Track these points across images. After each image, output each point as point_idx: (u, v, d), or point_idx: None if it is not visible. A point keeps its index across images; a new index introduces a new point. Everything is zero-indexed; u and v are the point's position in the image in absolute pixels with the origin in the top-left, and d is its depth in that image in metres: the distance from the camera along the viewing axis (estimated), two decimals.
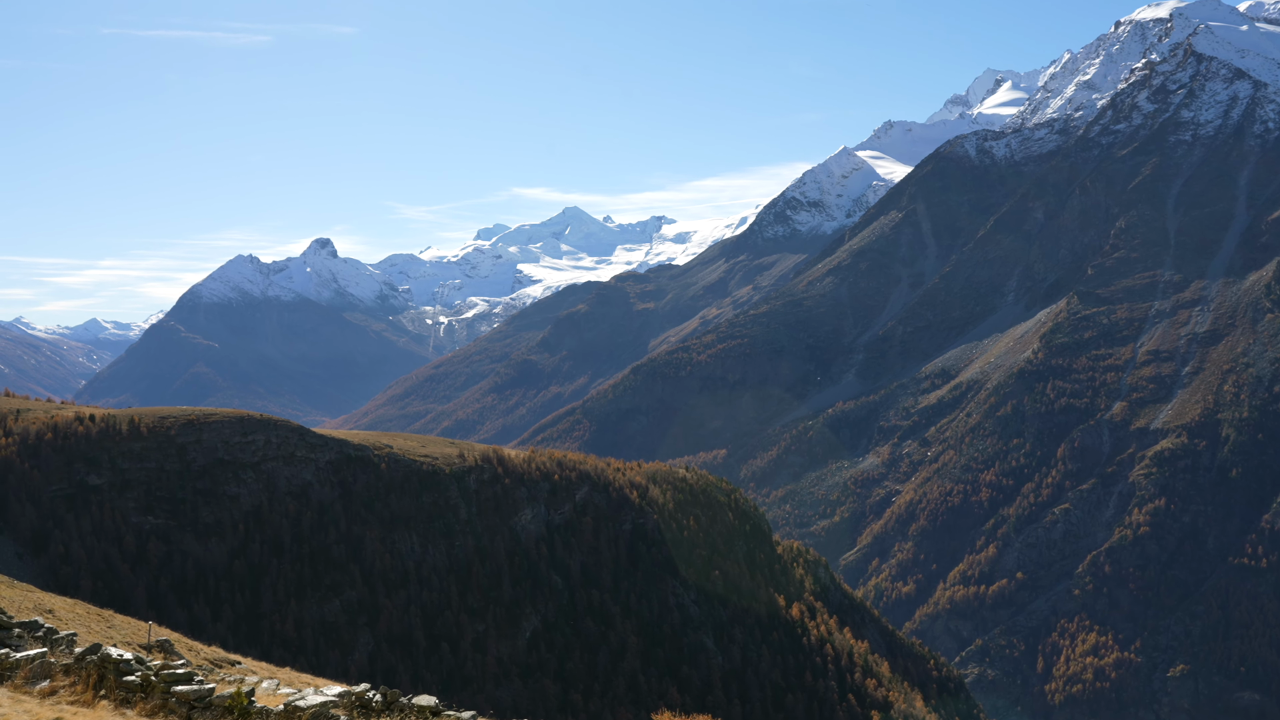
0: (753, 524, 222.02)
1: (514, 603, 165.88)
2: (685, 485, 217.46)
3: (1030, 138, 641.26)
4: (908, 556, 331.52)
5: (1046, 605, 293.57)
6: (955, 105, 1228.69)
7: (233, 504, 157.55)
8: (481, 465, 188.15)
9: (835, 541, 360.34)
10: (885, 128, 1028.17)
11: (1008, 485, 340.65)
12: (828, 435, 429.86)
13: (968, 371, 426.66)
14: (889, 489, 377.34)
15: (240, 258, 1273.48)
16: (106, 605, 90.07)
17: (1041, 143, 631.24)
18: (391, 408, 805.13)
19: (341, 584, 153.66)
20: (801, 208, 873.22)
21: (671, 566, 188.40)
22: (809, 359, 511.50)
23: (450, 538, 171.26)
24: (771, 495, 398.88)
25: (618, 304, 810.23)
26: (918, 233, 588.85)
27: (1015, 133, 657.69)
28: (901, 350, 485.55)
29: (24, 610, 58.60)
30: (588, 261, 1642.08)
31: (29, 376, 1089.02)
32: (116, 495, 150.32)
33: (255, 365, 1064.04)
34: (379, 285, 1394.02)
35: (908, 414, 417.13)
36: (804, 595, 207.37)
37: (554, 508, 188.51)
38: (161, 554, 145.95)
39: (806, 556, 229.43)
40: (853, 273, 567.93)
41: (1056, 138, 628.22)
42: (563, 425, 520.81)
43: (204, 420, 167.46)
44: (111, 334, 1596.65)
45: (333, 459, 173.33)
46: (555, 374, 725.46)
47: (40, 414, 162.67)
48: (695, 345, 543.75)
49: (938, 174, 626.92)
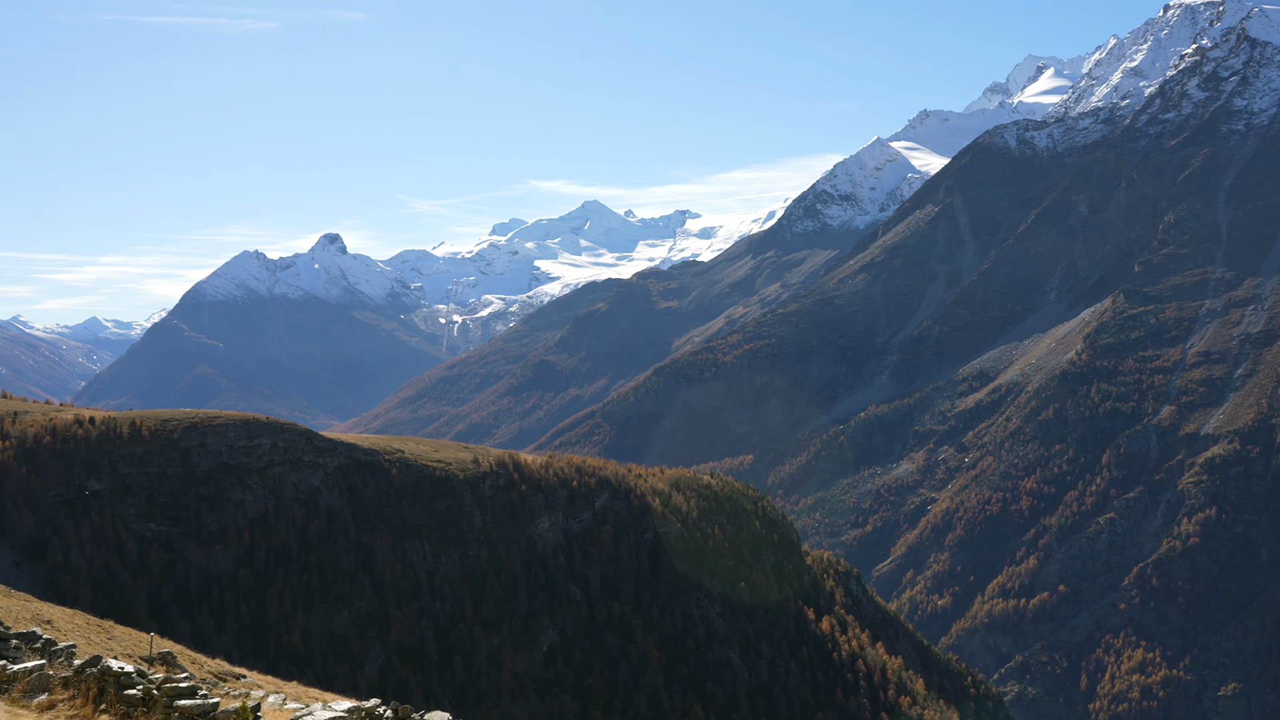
0: (781, 533, 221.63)
1: (530, 615, 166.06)
2: (710, 492, 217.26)
3: (1074, 127, 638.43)
4: (944, 568, 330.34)
5: (1090, 620, 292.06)
6: (995, 93, 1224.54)
7: (238, 511, 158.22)
8: (497, 471, 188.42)
9: (867, 552, 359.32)
10: (921, 117, 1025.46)
11: (1049, 493, 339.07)
12: (860, 440, 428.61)
13: (1007, 374, 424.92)
14: (924, 497, 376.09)
15: (246, 254, 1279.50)
16: (107, 616, 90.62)
17: (1086, 133, 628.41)
18: (403, 410, 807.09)
19: (351, 594, 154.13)
20: (832, 201, 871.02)
21: (696, 578, 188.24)
22: (840, 360, 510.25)
23: (464, 547, 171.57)
24: (800, 503, 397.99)
25: (639, 302, 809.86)
26: (955, 228, 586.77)
27: (1058, 122, 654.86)
28: (937, 351, 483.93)
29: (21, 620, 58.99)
30: (608, 258, 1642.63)
31: (26, 377, 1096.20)
32: (117, 501, 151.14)
33: (261, 366, 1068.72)
34: (390, 283, 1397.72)
35: (944, 418, 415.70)
36: (835, 608, 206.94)
37: (572, 516, 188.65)
38: (164, 562, 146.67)
39: (837, 567, 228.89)
40: (886, 270, 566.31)
41: (1102, 127, 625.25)
42: (582, 429, 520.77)
43: (208, 423, 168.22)
44: (112, 333, 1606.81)
45: (342, 464, 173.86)
46: (574, 375, 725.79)
47: (38, 416, 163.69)
48: (721, 346, 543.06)
49: (976, 166, 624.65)
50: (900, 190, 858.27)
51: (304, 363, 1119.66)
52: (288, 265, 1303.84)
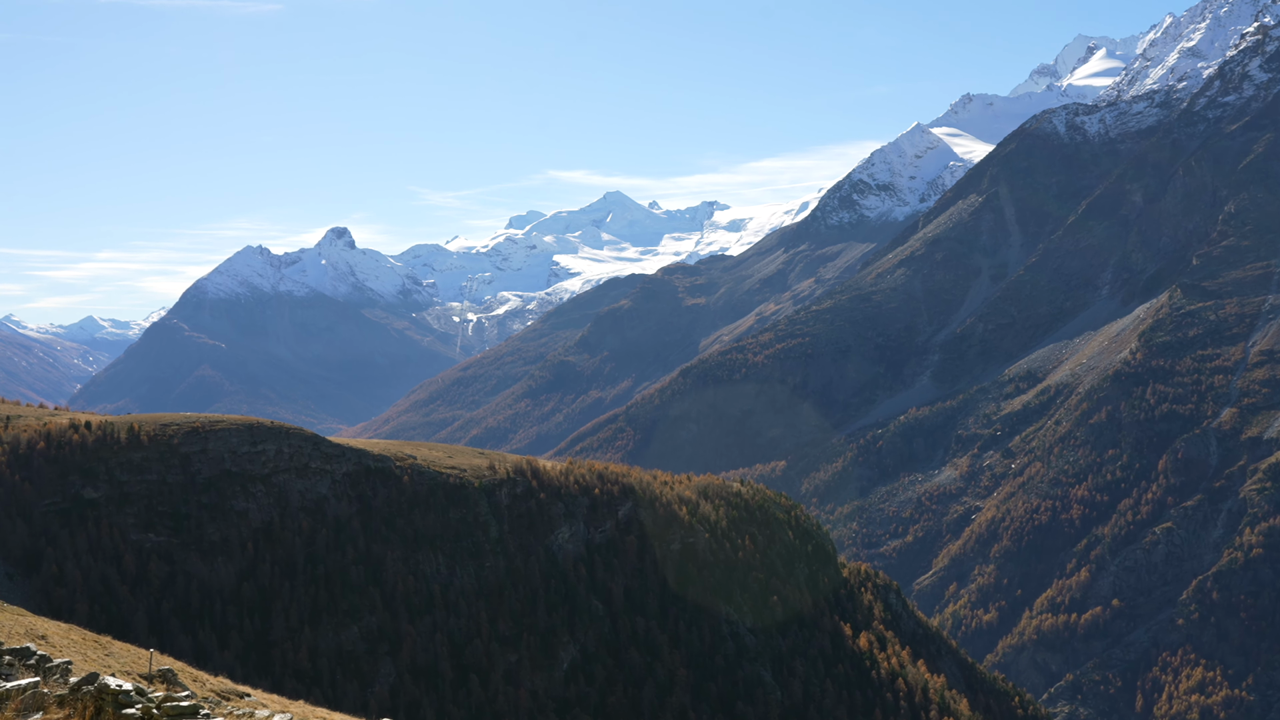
0: (815, 544, 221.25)
1: (550, 631, 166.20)
2: (740, 501, 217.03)
3: (1127, 112, 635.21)
4: (989, 581, 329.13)
5: (1146, 636, 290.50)
6: (1042, 76, 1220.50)
7: (241, 520, 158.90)
8: (514, 478, 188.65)
9: (908, 564, 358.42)
10: (964, 102, 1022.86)
11: (1102, 501, 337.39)
12: (899, 445, 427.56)
13: (1057, 374, 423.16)
14: (968, 505, 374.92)
15: (249, 249, 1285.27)
16: (104, 631, 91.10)
17: (1140, 117, 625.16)
18: (415, 414, 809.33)
19: (360, 609, 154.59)
20: (870, 191, 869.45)
21: (725, 591, 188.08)
22: (878, 360, 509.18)
23: (479, 558, 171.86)
24: (836, 512, 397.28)
25: (665, 299, 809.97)
26: (1000, 219, 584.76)
27: (1110, 106, 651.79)
28: (982, 350, 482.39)
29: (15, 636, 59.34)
30: (631, 252, 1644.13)
31: (19, 380, 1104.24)
32: (115, 510, 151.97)
33: (265, 367, 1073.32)
34: (401, 279, 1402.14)
35: (989, 422, 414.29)
36: (873, 623, 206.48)
37: (594, 525, 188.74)
38: (164, 575, 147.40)
39: (875, 580, 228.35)
40: (927, 264, 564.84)
41: (1157, 111, 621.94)
42: (604, 434, 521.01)
43: (210, 428, 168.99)
44: (109, 333, 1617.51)
45: (350, 471, 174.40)
46: (595, 377, 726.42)
47: (32, 421, 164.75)
48: (751, 345, 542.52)
49: (1022, 153, 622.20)
50: (942, 179, 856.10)
51: (310, 364, 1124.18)
52: (293, 261, 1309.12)
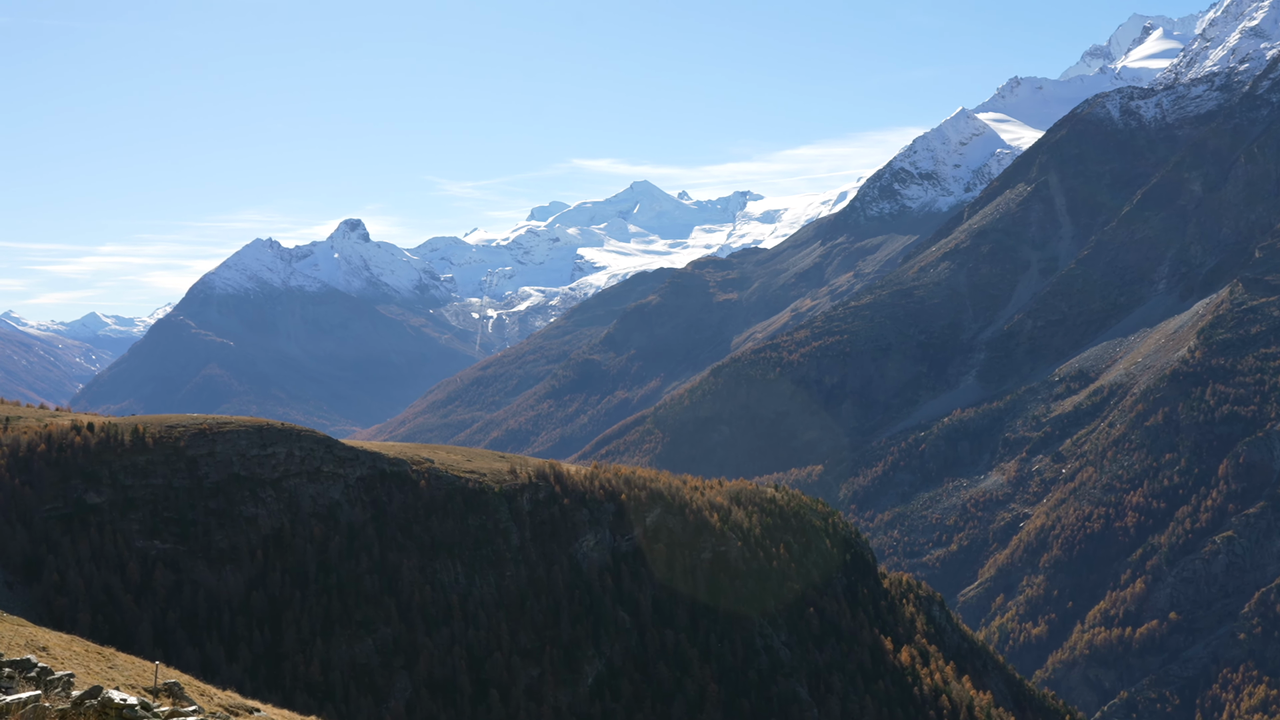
0: (854, 553, 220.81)
1: (574, 643, 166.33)
2: (774, 507, 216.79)
3: (1185, 96, 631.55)
4: (1038, 592, 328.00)
5: (1205, 652, 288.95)
6: (1095, 58, 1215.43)
7: (250, 526, 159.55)
8: (536, 483, 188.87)
9: (952, 574, 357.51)
10: (1011, 85, 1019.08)
11: (1159, 509, 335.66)
12: (943, 449, 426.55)
13: (1110, 373, 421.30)
14: (1016, 512, 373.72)
15: (258, 242, 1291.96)
16: (107, 642, 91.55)
17: (1199, 101, 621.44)
18: (432, 415, 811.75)
19: (375, 620, 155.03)
20: (912, 180, 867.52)
21: (758, 602, 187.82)
22: (921, 359, 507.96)
23: (500, 567, 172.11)
24: (876, 519, 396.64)
25: (695, 294, 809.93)
26: (1050, 209, 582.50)
27: (1167, 90, 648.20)
28: (1030, 349, 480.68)
29: (14, 647, 59.66)
30: (660, 245, 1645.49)
31: (19, 379, 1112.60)
32: (118, 516, 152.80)
33: (276, 366, 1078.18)
34: (418, 273, 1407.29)
35: (1038, 424, 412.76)
36: (915, 637, 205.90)
37: (621, 533, 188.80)
38: (169, 583, 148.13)
39: (918, 591, 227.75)
40: (973, 257, 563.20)
41: (1217, 95, 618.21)
42: (631, 436, 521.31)
43: (217, 430, 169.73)
44: (113, 330, 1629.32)
45: (364, 475, 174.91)
46: (622, 376, 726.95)
47: (32, 422, 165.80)
48: (786, 342, 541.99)
49: (1074, 140, 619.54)
50: (988, 168, 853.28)
51: (323, 362, 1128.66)
52: (305, 255, 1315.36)
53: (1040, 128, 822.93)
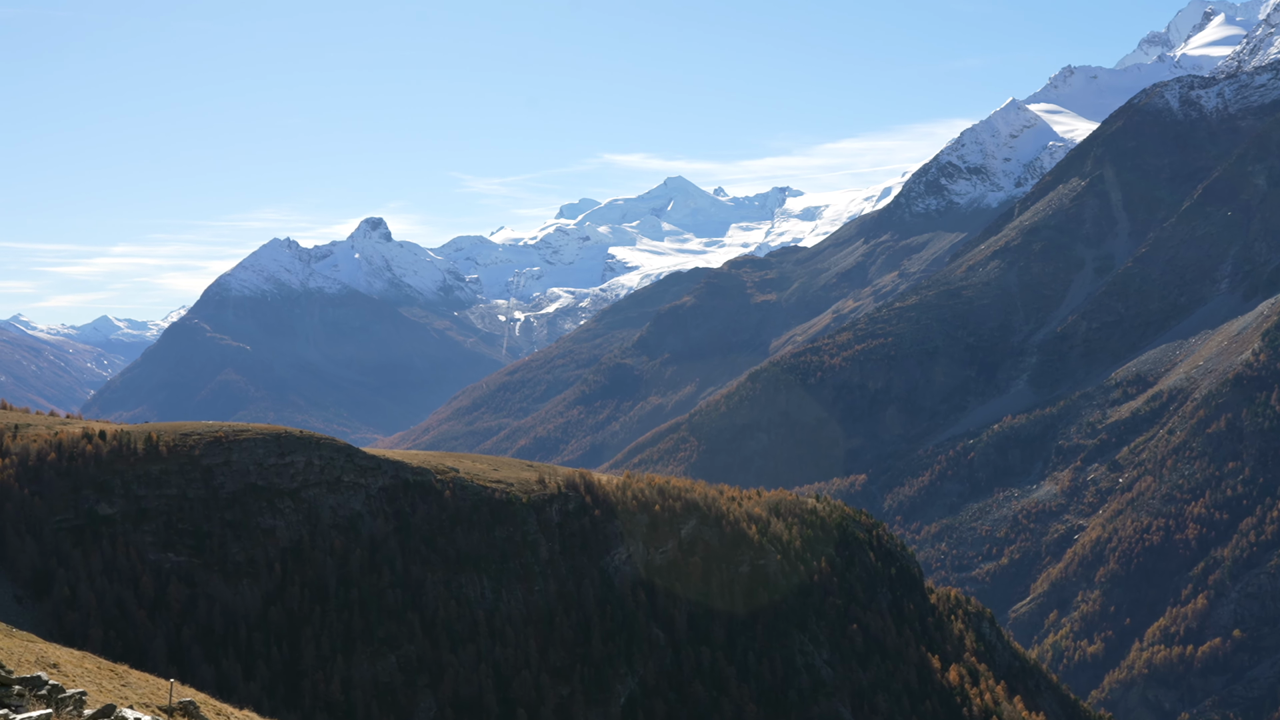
0: (900, 567, 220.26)
1: (605, 661, 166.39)
2: (815, 518, 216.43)
3: (1249, 85, 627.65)
4: (1094, 608, 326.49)
5: (1272, 671, 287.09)
6: (1153, 45, 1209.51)
7: (268, 539, 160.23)
8: (566, 493, 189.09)
9: (1003, 589, 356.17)
10: (1064, 75, 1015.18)
11: (1221, 520, 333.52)
12: (993, 457, 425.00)
13: (1170, 377, 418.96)
14: (1070, 524, 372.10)
15: (276, 242, 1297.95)
16: (120, 659, 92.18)
17: (1263, 91, 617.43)
18: (457, 422, 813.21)
19: (398, 637, 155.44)
20: (959, 175, 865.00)
21: (799, 619, 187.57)
22: (969, 363, 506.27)
23: (528, 581, 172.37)
24: (923, 531, 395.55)
25: (731, 295, 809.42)
26: (1105, 205, 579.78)
27: (1230, 79, 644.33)
28: (1085, 352, 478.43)
29: (25, 664, 60.14)
30: (694, 244, 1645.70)
31: (29, 385, 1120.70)
32: (131, 527, 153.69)
33: (294, 371, 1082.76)
34: (442, 274, 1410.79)
35: (1093, 431, 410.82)
36: (964, 655, 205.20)
37: (654, 545, 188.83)
38: (184, 598, 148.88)
39: (967, 607, 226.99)
40: (1024, 255, 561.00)
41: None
42: (665, 444, 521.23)
43: (233, 438, 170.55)
44: (125, 334, 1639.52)
45: (387, 485, 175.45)
46: (655, 381, 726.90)
47: (42, 430, 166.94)
48: (827, 346, 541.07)
49: (1130, 132, 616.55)
50: (1040, 161, 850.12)
51: (343, 367, 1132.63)
52: (324, 255, 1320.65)
53: (1095, 119, 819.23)
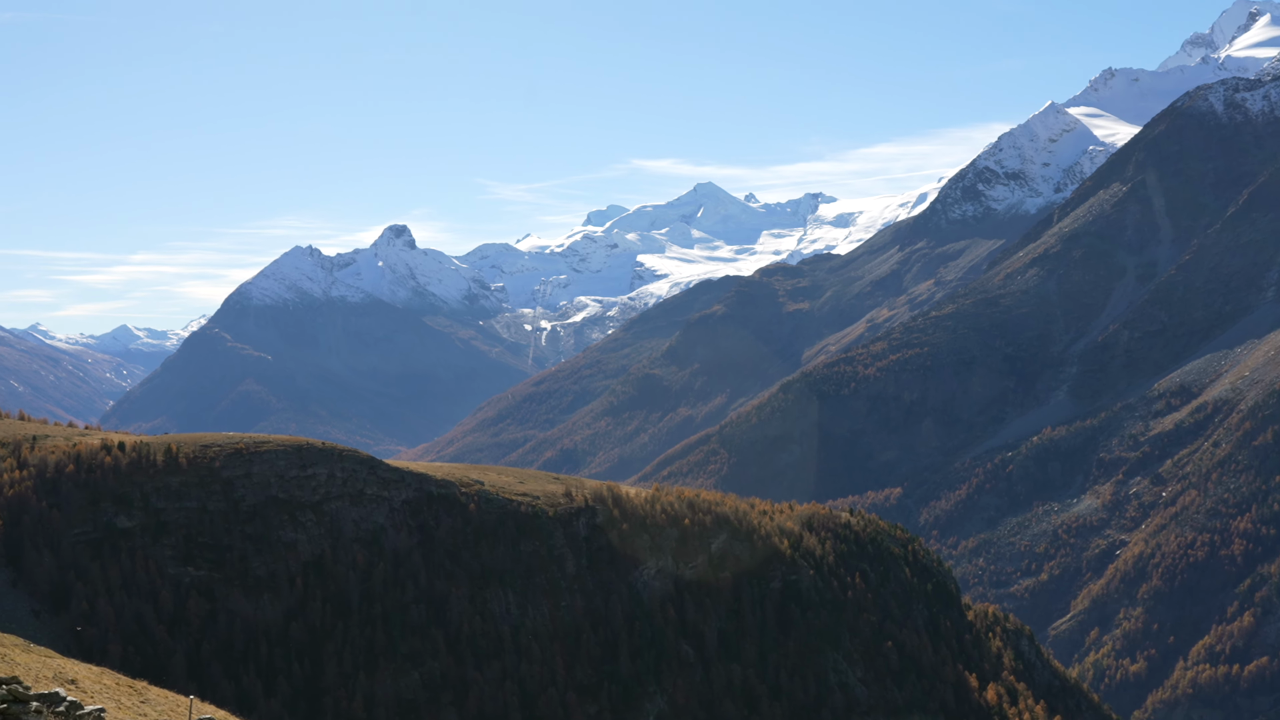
0: (936, 582, 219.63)
1: (634, 679, 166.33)
2: (849, 533, 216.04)
3: None
4: (1137, 626, 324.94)
5: None
6: (1196, 47, 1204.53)
7: (289, 552, 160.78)
8: (593, 506, 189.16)
9: (1042, 606, 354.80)
10: (1105, 77, 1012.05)
11: (1269, 535, 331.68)
12: (1032, 470, 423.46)
13: (1215, 388, 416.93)
14: (1112, 539, 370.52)
15: (298, 250, 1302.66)
16: (139, 675, 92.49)
17: None
18: (482, 434, 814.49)
19: (421, 653, 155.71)
20: (997, 180, 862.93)
21: (832, 636, 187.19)
22: (1007, 373, 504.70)
23: (554, 597, 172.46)
24: (960, 546, 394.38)
25: (763, 304, 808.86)
26: (1148, 211, 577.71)
27: (1276, 80, 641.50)
28: (1127, 362, 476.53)
29: (42, 680, 60.44)
30: (725, 251, 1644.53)
31: (47, 395, 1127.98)
32: (150, 541, 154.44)
33: (316, 381, 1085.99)
34: (466, 282, 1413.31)
35: (1136, 443, 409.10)
36: (1002, 674, 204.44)
37: (684, 560, 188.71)
38: (204, 613, 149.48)
39: (1005, 624, 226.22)
40: (1064, 263, 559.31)
41: None
42: (694, 456, 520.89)
43: (254, 450, 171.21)
44: (144, 344, 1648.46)
45: (410, 498, 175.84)
46: (685, 392, 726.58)
47: (60, 441, 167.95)
48: (861, 356, 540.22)
49: (1173, 135, 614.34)
50: (1080, 166, 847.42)
51: (366, 377, 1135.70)
52: (347, 263, 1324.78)
53: (1137, 123, 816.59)
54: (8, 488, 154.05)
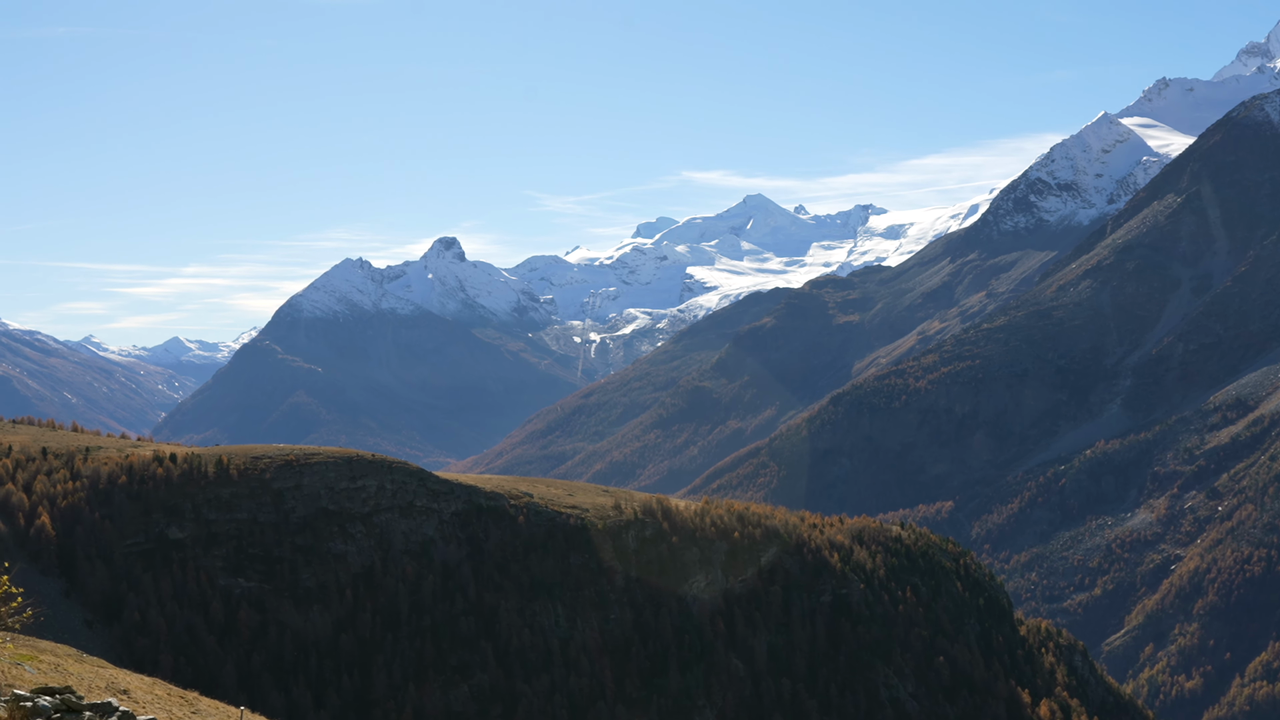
0: (988, 597, 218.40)
1: (683, 693, 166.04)
2: (900, 547, 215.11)
3: None
4: (1192, 642, 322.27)
5: None
6: (1252, 56, 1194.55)
7: (339, 564, 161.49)
8: (642, 519, 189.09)
9: (1095, 621, 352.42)
10: (1159, 87, 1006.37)
11: None
12: (1085, 484, 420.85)
13: (1271, 401, 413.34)
14: (1167, 554, 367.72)
15: (348, 262, 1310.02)
16: (190, 685, 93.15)
17: None
18: (531, 446, 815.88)
19: (470, 665, 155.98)
20: (1050, 191, 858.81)
21: (883, 650, 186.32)
22: (1060, 386, 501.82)
23: (603, 609, 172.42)
24: (1012, 560, 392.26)
25: (813, 316, 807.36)
26: (1203, 222, 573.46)
27: None
28: (1182, 374, 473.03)
29: (95, 690, 60.89)
30: (775, 263, 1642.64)
31: (99, 407, 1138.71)
32: (201, 552, 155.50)
33: (366, 393, 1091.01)
34: (516, 295, 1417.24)
35: (1191, 457, 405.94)
36: (1055, 690, 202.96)
37: (733, 574, 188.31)
38: (254, 624, 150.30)
39: (1058, 640, 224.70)
40: (1117, 275, 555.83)
41: None
42: (744, 469, 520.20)
43: (305, 461, 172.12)
44: (196, 356, 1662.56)
45: (459, 510, 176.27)
46: (734, 405, 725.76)
47: (113, 453, 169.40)
48: (912, 368, 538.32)
49: (1229, 145, 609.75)
50: (1133, 177, 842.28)
51: (415, 389, 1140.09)
52: (397, 275, 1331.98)
53: (1191, 133, 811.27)
54: (61, 498, 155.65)
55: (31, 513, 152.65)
